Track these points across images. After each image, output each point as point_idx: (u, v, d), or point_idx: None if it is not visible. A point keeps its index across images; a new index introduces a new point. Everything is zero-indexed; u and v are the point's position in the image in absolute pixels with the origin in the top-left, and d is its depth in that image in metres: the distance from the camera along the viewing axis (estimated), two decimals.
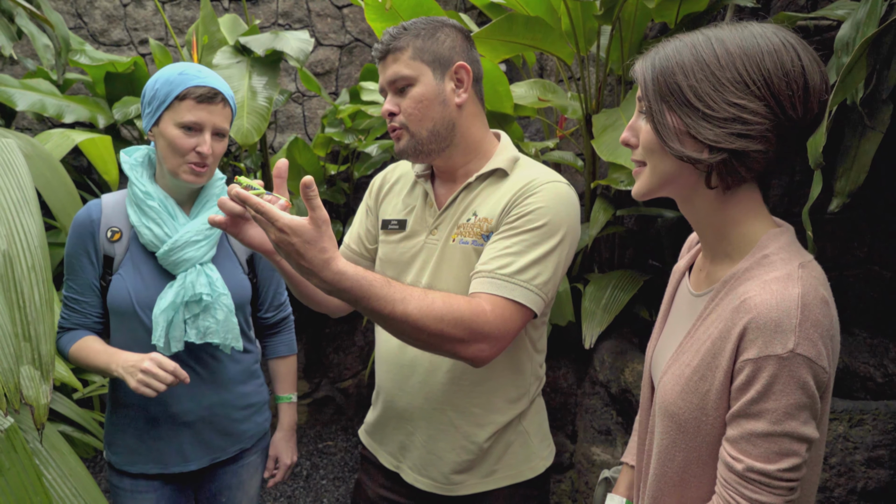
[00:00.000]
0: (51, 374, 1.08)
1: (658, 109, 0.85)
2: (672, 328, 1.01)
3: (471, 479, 1.30)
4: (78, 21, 3.48)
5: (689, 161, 0.84)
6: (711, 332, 0.86)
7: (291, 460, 1.71)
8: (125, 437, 1.48)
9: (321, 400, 3.55)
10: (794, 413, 0.78)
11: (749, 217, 0.88)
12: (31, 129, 3.42)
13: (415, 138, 1.21)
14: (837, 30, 1.89)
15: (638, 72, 0.89)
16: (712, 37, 0.84)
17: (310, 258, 0.94)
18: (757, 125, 0.80)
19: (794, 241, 0.88)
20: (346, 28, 3.70)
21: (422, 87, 1.20)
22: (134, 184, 1.43)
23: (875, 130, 1.62)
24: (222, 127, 1.41)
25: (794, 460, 0.79)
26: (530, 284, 1.12)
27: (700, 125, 0.82)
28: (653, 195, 0.92)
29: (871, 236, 2.09)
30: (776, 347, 0.77)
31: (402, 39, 1.20)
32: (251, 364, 1.60)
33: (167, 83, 1.37)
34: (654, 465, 0.95)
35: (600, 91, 2.40)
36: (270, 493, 2.99)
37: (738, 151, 0.82)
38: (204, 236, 1.44)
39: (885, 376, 1.95)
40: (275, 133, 3.68)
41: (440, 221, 1.27)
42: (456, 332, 1.04)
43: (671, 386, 0.90)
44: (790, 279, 0.80)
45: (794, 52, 0.81)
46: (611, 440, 2.20)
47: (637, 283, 2.23)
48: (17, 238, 1.13)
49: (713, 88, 0.81)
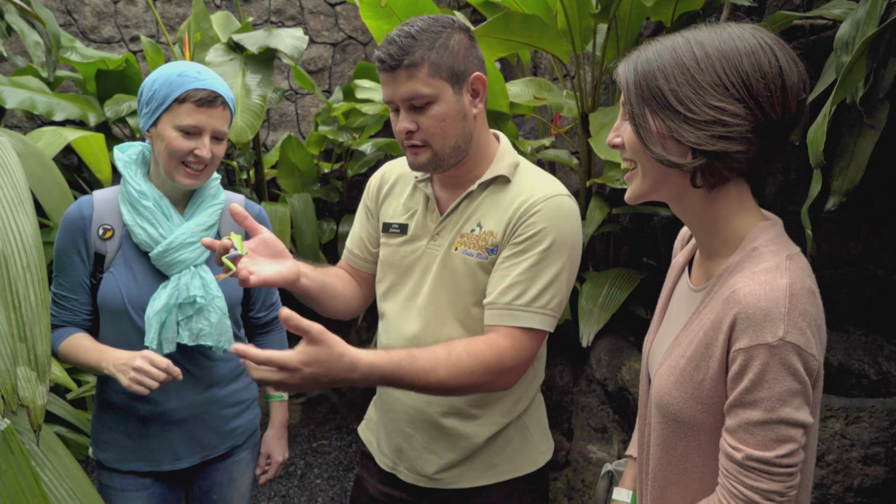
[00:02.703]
0: (47, 375, 1.07)
1: (640, 113, 0.87)
2: (670, 323, 1.03)
3: (470, 473, 1.30)
4: (68, 18, 3.44)
5: (670, 165, 0.86)
6: (704, 324, 0.88)
7: (283, 457, 1.73)
8: (115, 436, 1.47)
9: (315, 399, 3.54)
10: (788, 399, 0.80)
11: (737, 213, 0.90)
12: (21, 126, 3.38)
13: (437, 155, 1.19)
14: (833, 29, 1.90)
15: (620, 75, 0.90)
16: (692, 39, 0.85)
17: (335, 373, 0.96)
18: (737, 127, 0.82)
19: (783, 233, 0.90)
20: (339, 26, 3.69)
21: (443, 106, 1.15)
22: (128, 182, 1.41)
23: (873, 129, 1.63)
24: (222, 130, 1.39)
25: (791, 446, 0.80)
26: (546, 309, 1.16)
27: (682, 128, 0.83)
28: (645, 199, 0.94)
29: (866, 235, 2.11)
30: (766, 336, 0.79)
31: (416, 53, 1.13)
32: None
33: (166, 84, 1.35)
34: (654, 456, 0.97)
35: (596, 89, 2.40)
36: (265, 492, 2.98)
37: (720, 153, 0.83)
38: (198, 238, 1.42)
39: (879, 374, 1.97)
40: (268, 131, 3.66)
41: (442, 227, 1.26)
42: (486, 379, 1.11)
43: (666, 378, 0.92)
44: (778, 270, 0.82)
45: (772, 53, 0.82)
46: (607, 438, 2.20)
47: (634, 281, 2.23)
48: (12, 237, 1.11)
49: (693, 92, 0.83)
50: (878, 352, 2.00)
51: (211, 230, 1.46)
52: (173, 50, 2.99)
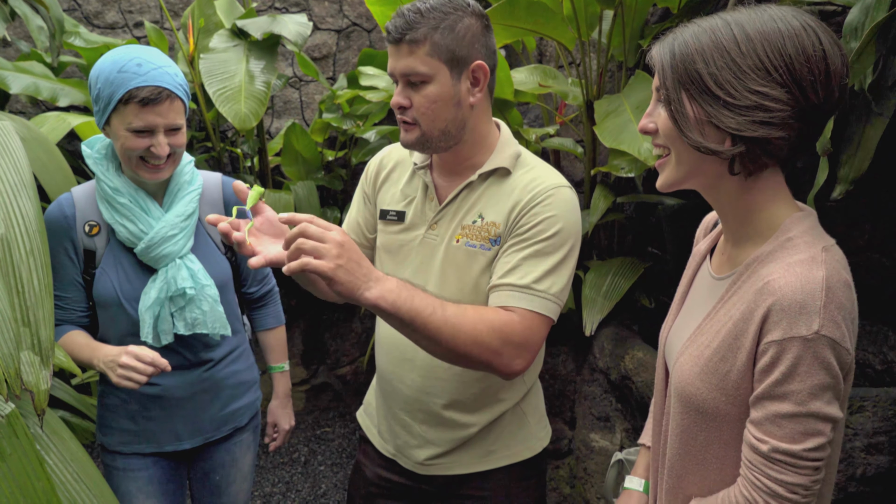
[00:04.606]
0: (51, 360, 1.07)
1: (677, 98, 0.84)
2: (690, 311, 1.01)
3: (468, 459, 1.31)
4: (72, 3, 3.43)
5: (707, 153, 0.83)
6: (733, 314, 0.86)
7: (290, 425, 1.77)
8: (118, 420, 1.49)
9: (319, 386, 3.55)
10: (819, 393, 0.78)
11: (772, 201, 0.88)
12: (25, 112, 3.38)
13: (425, 135, 1.18)
14: (843, 15, 1.88)
15: (655, 58, 0.87)
16: (731, 21, 0.82)
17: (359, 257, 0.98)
18: (779, 112, 0.79)
19: (817, 224, 0.88)
20: (343, 12, 3.66)
21: (437, 87, 1.15)
22: (101, 179, 1.39)
23: (882, 117, 1.61)
24: (175, 123, 1.34)
25: (820, 440, 0.79)
26: (548, 294, 1.14)
27: (721, 113, 0.81)
28: (678, 187, 0.91)
29: (872, 224, 2.09)
30: (801, 329, 0.77)
31: (420, 30, 1.12)
32: (241, 343, 1.61)
33: (108, 84, 1.29)
34: (672, 445, 0.96)
35: (601, 77, 2.38)
36: (269, 478, 3.00)
37: (760, 139, 0.80)
38: (180, 229, 1.41)
39: (884, 363, 1.96)
40: (272, 118, 3.64)
41: (441, 217, 1.26)
42: (490, 339, 1.07)
43: (689, 367, 0.90)
44: (814, 262, 0.80)
45: (815, 36, 0.79)
46: (610, 427, 2.20)
47: (637, 270, 2.23)
48: (15, 222, 1.11)
49: (734, 76, 0.80)
50: (882, 342, 1.99)
51: (191, 218, 1.45)
52: (177, 35, 2.98)
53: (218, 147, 3.13)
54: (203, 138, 3.32)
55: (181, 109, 1.36)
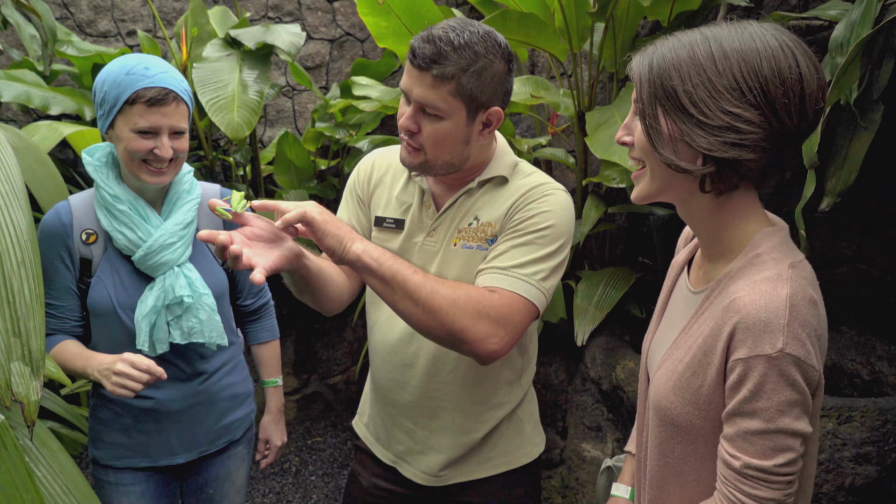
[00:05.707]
0: (41, 371, 1.06)
1: (652, 113, 0.84)
2: (669, 323, 1.02)
3: (468, 467, 1.32)
4: (64, 11, 3.43)
5: (678, 171, 0.83)
6: (703, 330, 0.87)
7: (282, 441, 1.75)
8: (111, 434, 1.47)
9: (310, 396, 3.54)
10: (787, 410, 0.79)
11: (743, 219, 0.88)
12: (16, 120, 3.37)
13: (428, 162, 1.18)
14: (829, 30, 1.90)
15: (634, 70, 0.87)
16: (710, 37, 0.81)
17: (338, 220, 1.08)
18: (751, 134, 0.79)
19: (787, 240, 0.88)
20: (336, 22, 3.68)
21: (450, 125, 1.13)
22: (101, 186, 1.39)
23: (867, 130, 1.63)
24: (179, 126, 1.36)
25: (790, 455, 0.80)
26: (532, 279, 1.14)
27: (694, 132, 0.80)
28: (652, 200, 0.92)
29: (860, 235, 2.11)
30: (765, 347, 0.78)
31: (449, 68, 1.08)
32: (236, 355, 1.60)
33: (115, 85, 1.31)
34: (652, 457, 0.97)
35: (593, 88, 2.40)
36: (259, 489, 2.98)
37: (731, 160, 0.80)
38: (178, 237, 1.41)
39: (872, 374, 1.98)
40: (264, 127, 3.65)
41: (438, 224, 1.26)
42: (467, 305, 1.07)
43: (664, 381, 0.91)
44: (780, 279, 0.81)
45: (793, 58, 0.79)
46: (601, 437, 2.21)
47: (629, 280, 2.24)
48: (7, 232, 1.10)
49: (708, 95, 0.79)
50: (870, 352, 2.01)
51: (190, 227, 1.45)
52: (170, 45, 2.98)
53: (210, 156, 3.13)
54: (195, 147, 3.32)
55: (185, 114, 1.38)
